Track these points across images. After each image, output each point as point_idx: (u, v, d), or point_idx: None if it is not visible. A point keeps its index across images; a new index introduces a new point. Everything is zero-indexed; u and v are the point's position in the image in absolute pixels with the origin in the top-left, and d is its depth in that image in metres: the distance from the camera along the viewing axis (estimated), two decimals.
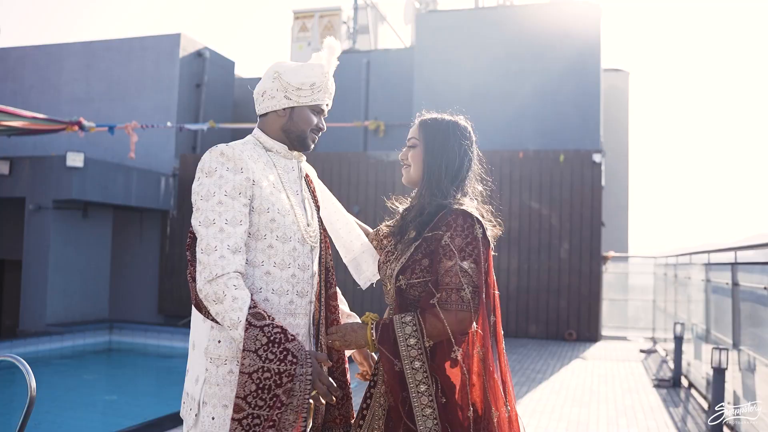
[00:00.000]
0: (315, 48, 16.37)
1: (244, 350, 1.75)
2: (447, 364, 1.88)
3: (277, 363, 1.75)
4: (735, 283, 5.43)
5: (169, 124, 11.31)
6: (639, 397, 6.88)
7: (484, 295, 1.88)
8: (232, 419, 1.74)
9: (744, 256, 5.49)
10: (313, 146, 2.10)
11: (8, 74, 14.84)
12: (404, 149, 2.11)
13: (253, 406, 1.74)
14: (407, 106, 13.71)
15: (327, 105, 2.08)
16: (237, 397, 1.75)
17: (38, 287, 10.94)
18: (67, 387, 8.89)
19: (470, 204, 1.98)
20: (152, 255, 13.49)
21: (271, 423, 1.74)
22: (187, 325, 12.51)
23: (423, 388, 1.84)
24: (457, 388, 1.88)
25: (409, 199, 2.17)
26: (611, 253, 12.35)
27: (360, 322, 2.00)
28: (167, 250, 13.33)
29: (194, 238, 1.93)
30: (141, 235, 13.54)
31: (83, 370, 10.10)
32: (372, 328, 1.92)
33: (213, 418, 1.87)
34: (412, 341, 1.86)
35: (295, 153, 2.08)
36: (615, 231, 15.42)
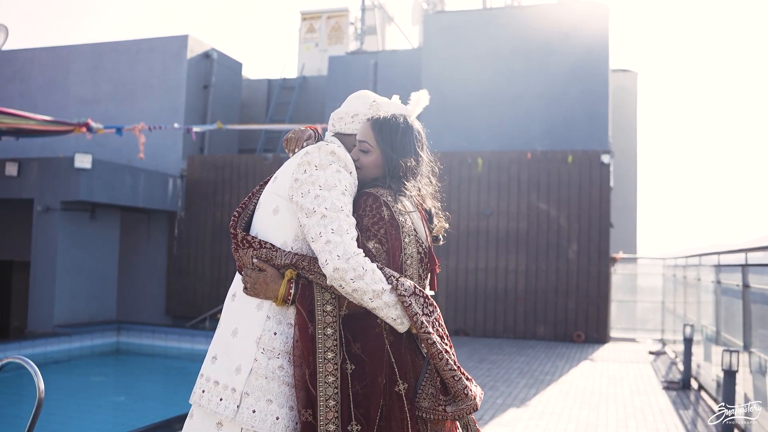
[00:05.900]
0: (322, 49, 16.38)
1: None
2: (359, 336, 1.89)
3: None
4: (746, 285, 5.39)
5: (176, 125, 11.32)
6: (648, 399, 6.83)
7: None
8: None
9: (754, 257, 5.45)
10: None
11: (16, 75, 14.91)
12: (355, 149, 2.09)
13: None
14: None
15: None
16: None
17: (46, 288, 10.97)
18: (75, 388, 8.91)
19: (412, 191, 2.04)
20: (160, 256, 13.52)
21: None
22: (195, 327, 12.48)
23: (330, 355, 1.86)
24: (366, 360, 1.88)
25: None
26: (620, 254, 12.29)
27: (274, 273, 1.95)
28: (175, 252, 13.36)
29: (240, 218, 2.07)
30: (148, 236, 13.57)
31: (91, 372, 10.13)
32: (291, 283, 1.92)
33: (254, 411, 1.84)
34: (329, 308, 1.90)
35: None
36: (623, 232, 15.35)
